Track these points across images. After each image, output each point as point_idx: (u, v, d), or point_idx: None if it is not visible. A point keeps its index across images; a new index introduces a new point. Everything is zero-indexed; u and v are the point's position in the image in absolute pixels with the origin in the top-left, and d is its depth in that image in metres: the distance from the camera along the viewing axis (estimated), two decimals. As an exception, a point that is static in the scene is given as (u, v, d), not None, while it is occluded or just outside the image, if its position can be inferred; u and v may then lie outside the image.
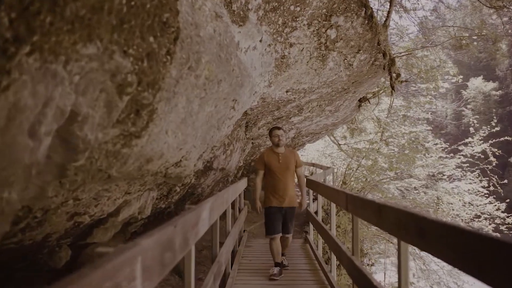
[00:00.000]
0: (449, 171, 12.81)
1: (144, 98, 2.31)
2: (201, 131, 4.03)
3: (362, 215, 3.40)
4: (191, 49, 2.81)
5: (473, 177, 12.69)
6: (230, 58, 3.79)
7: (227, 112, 4.64)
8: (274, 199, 5.56)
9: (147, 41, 2.10)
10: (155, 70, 2.28)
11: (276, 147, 5.69)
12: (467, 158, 12.50)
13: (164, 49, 2.34)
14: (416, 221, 2.05)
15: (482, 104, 48.68)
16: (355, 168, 12.75)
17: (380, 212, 2.81)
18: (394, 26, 11.34)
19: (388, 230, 2.66)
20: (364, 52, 8.16)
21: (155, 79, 2.33)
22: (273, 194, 5.58)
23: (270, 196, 5.60)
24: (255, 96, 7.01)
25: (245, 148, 10.00)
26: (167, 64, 2.45)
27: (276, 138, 5.68)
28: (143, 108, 2.38)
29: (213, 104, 3.90)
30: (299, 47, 6.98)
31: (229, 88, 3.99)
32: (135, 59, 2.05)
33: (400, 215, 2.33)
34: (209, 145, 4.79)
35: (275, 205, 5.56)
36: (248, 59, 5.72)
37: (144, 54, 2.12)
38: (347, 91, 9.35)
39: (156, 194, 5.07)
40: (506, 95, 50.02)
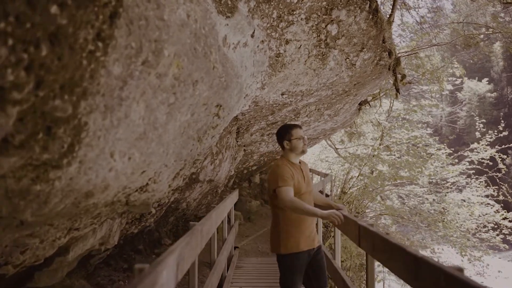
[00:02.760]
0: (453, 178, 11.98)
1: (57, 109, 1.44)
2: (174, 145, 3.16)
3: (384, 261, 2.55)
4: (146, 35, 1.93)
5: (479, 185, 11.87)
6: (210, 53, 2.92)
7: (210, 120, 3.77)
8: (303, 239, 3.50)
9: (44, 11, 1.23)
10: (70, 64, 1.40)
11: (299, 155, 3.75)
12: (474, 165, 11.68)
13: (89, 31, 1.46)
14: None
15: (477, 106, 48.20)
16: (355, 176, 11.90)
17: (417, 267, 1.97)
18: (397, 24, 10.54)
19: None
20: (368, 50, 7.31)
21: (74, 78, 1.46)
22: (300, 230, 3.52)
23: (295, 234, 3.49)
24: (246, 99, 6.14)
25: (236, 156, 9.13)
26: (99, 55, 1.58)
27: (301, 142, 3.68)
28: (59, 125, 1.50)
29: (188, 112, 3.03)
30: (296, 44, 6.14)
31: (209, 90, 3.12)
32: (20, 42, 1.19)
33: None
34: (187, 160, 3.91)
35: (304, 248, 3.50)
36: (238, 57, 4.87)
37: (42, 35, 1.24)
38: (348, 93, 8.51)
39: (124, 220, 4.20)
40: (501, 97, 49.58)
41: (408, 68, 10.63)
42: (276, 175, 3.48)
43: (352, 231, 3.35)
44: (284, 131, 3.75)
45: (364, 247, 3.04)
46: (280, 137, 3.77)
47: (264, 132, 9.18)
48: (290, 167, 3.61)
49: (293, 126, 3.78)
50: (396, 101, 12.99)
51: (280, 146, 3.83)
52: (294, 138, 3.69)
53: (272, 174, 3.54)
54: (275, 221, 3.59)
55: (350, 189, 11.89)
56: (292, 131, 3.72)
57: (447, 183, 12.20)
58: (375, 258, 2.81)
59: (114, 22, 1.61)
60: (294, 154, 3.71)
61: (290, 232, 3.49)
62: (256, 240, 9.56)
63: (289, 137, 3.70)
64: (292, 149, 3.68)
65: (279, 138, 3.79)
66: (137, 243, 6.80)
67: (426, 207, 11.55)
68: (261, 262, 7.67)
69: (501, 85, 49.73)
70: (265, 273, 6.93)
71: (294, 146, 3.67)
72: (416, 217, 11.43)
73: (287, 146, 3.69)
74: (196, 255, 2.97)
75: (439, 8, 12.15)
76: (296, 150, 3.68)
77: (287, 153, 3.72)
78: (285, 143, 3.71)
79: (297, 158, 3.77)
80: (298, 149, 3.68)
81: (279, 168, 3.56)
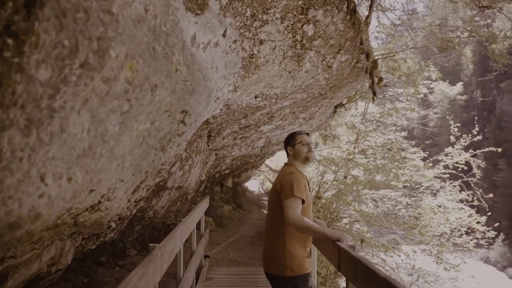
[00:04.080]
0: (427, 182, 11.85)
1: None
2: (132, 158, 2.78)
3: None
4: (85, 32, 1.56)
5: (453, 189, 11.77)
6: (172, 53, 2.55)
7: (174, 128, 3.40)
8: (307, 259, 3.18)
9: None
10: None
11: (304, 163, 3.38)
12: (449, 170, 11.58)
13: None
14: None
15: (448, 109, 49.04)
16: (330, 180, 11.64)
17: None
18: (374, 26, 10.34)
19: None
20: (346, 52, 7.05)
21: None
22: (305, 249, 3.20)
23: (301, 254, 3.13)
24: (217, 103, 5.78)
25: (208, 160, 8.74)
26: (8, 55, 1.20)
27: (305, 148, 3.36)
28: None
29: (147, 120, 2.66)
30: (271, 45, 5.82)
31: (171, 96, 2.75)
32: None
33: None
34: (150, 172, 3.53)
35: (309, 269, 3.17)
36: (208, 57, 4.50)
37: None
38: (324, 96, 8.24)
39: (80, 237, 3.78)
40: (471, 100, 50.58)
41: (384, 70, 10.45)
42: (291, 182, 3.07)
43: (331, 253, 3.03)
44: (289, 137, 3.49)
45: (344, 272, 2.73)
46: (285, 144, 3.50)
47: (237, 136, 8.82)
48: (301, 177, 3.24)
49: (299, 132, 3.49)
50: (371, 104, 12.83)
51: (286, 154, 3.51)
52: (298, 142, 3.38)
53: (287, 180, 3.12)
54: (277, 236, 3.16)
55: (325, 193, 11.63)
56: (297, 136, 3.43)
57: (421, 187, 12.06)
58: (357, 286, 2.50)
59: (34, 13, 1.23)
60: (299, 162, 3.37)
61: (295, 251, 3.10)
62: (228, 248, 9.19)
63: (293, 142, 3.41)
64: (295, 155, 3.37)
65: (284, 145, 3.51)
66: (99, 255, 6.35)
67: (401, 213, 11.39)
68: (233, 273, 7.32)
69: (471, 88, 50.73)
70: (237, 285, 6.59)
71: (297, 151, 3.36)
72: (392, 224, 11.27)
73: (291, 152, 3.40)
74: (155, 284, 2.60)
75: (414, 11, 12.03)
76: (300, 156, 3.35)
77: (292, 161, 3.40)
78: (288, 149, 3.42)
79: (304, 167, 3.42)
80: (302, 155, 3.34)
81: (293, 175, 3.17)
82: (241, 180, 15.10)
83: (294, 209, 2.93)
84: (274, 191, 3.25)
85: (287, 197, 2.99)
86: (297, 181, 3.09)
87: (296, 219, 2.89)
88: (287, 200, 2.98)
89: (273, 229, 3.19)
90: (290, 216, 2.90)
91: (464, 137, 12.16)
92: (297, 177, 3.14)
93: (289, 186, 3.04)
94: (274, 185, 3.30)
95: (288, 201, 2.97)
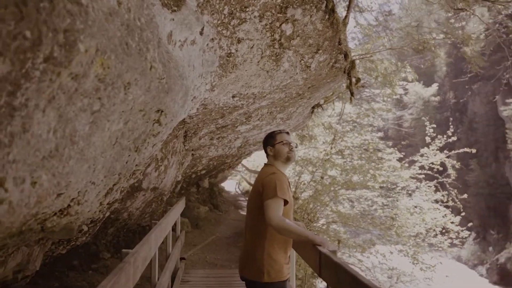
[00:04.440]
0: (403, 182, 11.90)
1: None
2: (104, 160, 2.64)
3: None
4: (49, 23, 1.42)
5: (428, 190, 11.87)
6: (146, 50, 2.42)
7: (149, 128, 3.26)
8: (286, 265, 3.03)
9: None
10: None
11: (285, 163, 3.24)
12: (425, 170, 11.67)
13: None
14: None
15: (422, 110, 49.85)
16: (307, 181, 11.59)
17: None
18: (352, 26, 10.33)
19: None
20: (324, 52, 6.99)
21: None
22: (285, 254, 3.04)
23: (280, 259, 2.98)
24: (193, 102, 5.65)
25: (184, 161, 8.58)
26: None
27: (286, 147, 3.21)
28: None
29: (120, 120, 2.52)
30: (249, 44, 5.72)
31: (146, 94, 2.62)
32: None
33: None
34: (123, 174, 3.39)
35: (287, 276, 3.03)
36: (185, 55, 4.38)
37: None
38: (302, 96, 8.18)
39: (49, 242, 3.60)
40: (444, 101, 51.50)
41: (361, 71, 10.46)
42: (274, 183, 2.93)
43: (311, 257, 2.94)
44: (269, 136, 3.34)
45: (326, 278, 2.64)
46: (264, 144, 3.34)
47: (214, 136, 8.69)
48: (284, 178, 3.11)
49: (279, 131, 3.35)
50: (348, 105, 12.85)
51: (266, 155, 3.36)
52: (278, 142, 3.24)
53: (269, 180, 2.97)
54: (257, 239, 2.99)
55: (302, 193, 11.58)
56: (277, 136, 3.29)
57: (397, 187, 12.11)
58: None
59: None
60: (280, 162, 3.23)
61: (275, 256, 2.95)
62: (204, 250, 9.05)
63: (273, 142, 3.27)
64: (276, 155, 3.22)
65: (264, 145, 3.35)
66: (71, 258, 6.13)
67: (378, 213, 11.42)
68: (209, 275, 7.19)
69: (444, 89, 51.66)
70: (213, 287, 6.47)
71: (278, 151, 3.21)
72: (369, 225, 11.29)
73: (271, 152, 3.26)
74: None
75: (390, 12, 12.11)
76: (280, 156, 3.20)
77: (272, 161, 3.25)
78: (268, 149, 3.28)
79: (285, 167, 3.27)
80: (282, 155, 3.20)
81: (276, 175, 3.03)
82: (217, 181, 14.95)
83: (276, 210, 2.81)
84: (255, 191, 3.11)
85: (269, 197, 2.86)
86: (280, 182, 2.96)
87: (278, 220, 2.76)
88: (269, 200, 2.85)
89: (253, 230, 3.05)
90: (272, 217, 2.77)
91: (439, 138, 12.28)
92: (280, 178, 3.01)
93: (271, 187, 2.91)
94: (255, 185, 3.16)
95: (270, 201, 2.84)
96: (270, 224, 2.79)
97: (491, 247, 34.34)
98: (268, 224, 2.81)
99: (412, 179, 12.04)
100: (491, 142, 38.63)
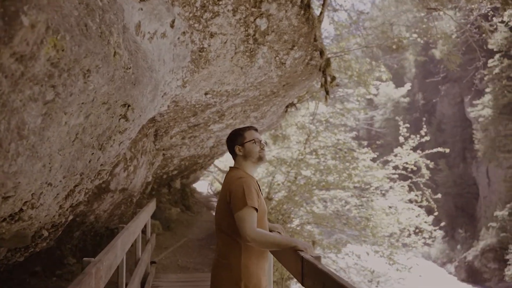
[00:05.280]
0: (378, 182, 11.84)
1: None
2: (62, 158, 2.36)
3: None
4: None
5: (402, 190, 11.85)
6: (110, 33, 2.16)
7: (115, 124, 2.99)
8: (263, 277, 2.75)
9: None
10: None
11: (256, 164, 2.93)
12: (399, 170, 11.65)
13: None
14: None
15: (392, 111, 50.49)
16: (281, 181, 11.40)
17: None
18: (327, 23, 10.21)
19: None
20: (300, 48, 6.82)
21: None
22: (261, 265, 2.75)
23: (257, 271, 2.70)
24: (164, 98, 5.37)
25: (154, 161, 8.26)
26: None
27: (257, 146, 2.89)
28: None
29: (80, 113, 2.25)
30: (222, 39, 5.49)
31: (109, 85, 2.35)
32: None
33: None
34: (86, 174, 3.10)
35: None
36: (155, 49, 4.12)
37: None
38: (277, 95, 7.98)
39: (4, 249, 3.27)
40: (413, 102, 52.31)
41: (335, 69, 10.35)
42: (241, 190, 2.61)
43: (292, 264, 2.72)
44: (235, 134, 2.96)
45: (309, 287, 2.42)
46: (231, 143, 2.96)
47: (186, 135, 8.40)
48: (253, 182, 2.75)
49: (247, 128, 2.99)
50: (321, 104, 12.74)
51: (231, 156, 2.99)
52: (248, 141, 2.88)
53: (236, 187, 2.65)
54: (231, 251, 2.69)
55: (276, 194, 11.39)
56: (245, 133, 2.92)
57: (371, 187, 12.04)
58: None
59: None
60: (250, 163, 2.89)
61: (252, 268, 2.66)
62: (176, 253, 8.74)
63: (242, 140, 2.89)
64: (246, 155, 2.87)
65: (230, 145, 2.97)
66: (32, 264, 5.76)
67: (353, 214, 11.31)
68: (181, 280, 6.91)
69: (414, 91, 52.49)
70: (185, 293, 6.21)
71: (249, 151, 2.86)
72: (344, 226, 11.19)
73: (240, 152, 2.88)
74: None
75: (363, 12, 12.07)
76: (252, 156, 2.86)
77: (241, 162, 2.89)
78: (236, 148, 2.90)
79: (254, 168, 2.95)
80: (254, 155, 2.86)
81: (243, 179, 2.69)
82: (189, 181, 14.62)
83: (250, 223, 2.52)
84: (222, 200, 2.79)
85: (239, 208, 2.56)
86: (248, 187, 2.64)
87: (255, 235, 2.49)
88: (239, 213, 2.55)
89: (226, 242, 2.75)
90: (248, 233, 2.48)
91: (413, 138, 12.30)
92: (248, 182, 2.69)
93: (239, 196, 2.60)
94: (222, 193, 2.83)
95: (241, 214, 2.54)
96: (247, 241, 2.51)
97: (459, 245, 35.01)
98: (244, 241, 2.54)
99: (387, 179, 12.00)
100: (458, 142, 39.45)
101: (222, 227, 2.80)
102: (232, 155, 2.99)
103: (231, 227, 2.67)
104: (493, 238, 29.47)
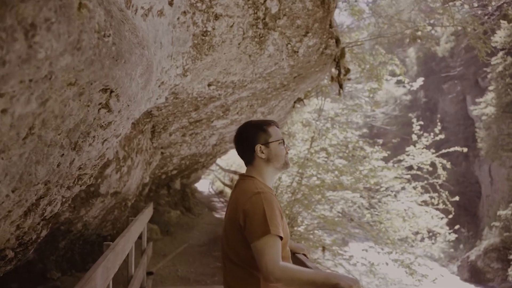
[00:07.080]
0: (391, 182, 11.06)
1: None
2: (6, 163, 1.61)
3: None
4: None
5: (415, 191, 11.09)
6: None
7: (92, 116, 2.24)
8: None
9: None
10: None
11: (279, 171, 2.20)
12: (413, 171, 10.88)
13: None
14: None
15: (393, 109, 49.88)
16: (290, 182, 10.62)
17: None
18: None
19: None
20: (314, 35, 6.07)
21: None
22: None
23: None
24: (161, 89, 4.63)
25: (152, 160, 7.51)
26: None
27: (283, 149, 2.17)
28: None
29: (31, 96, 1.50)
30: (228, 22, 4.75)
31: (75, 56, 1.59)
32: None
33: None
34: (54, 182, 2.35)
35: None
36: (150, 29, 3.37)
37: None
38: (287, 88, 7.23)
39: None
40: (415, 100, 51.67)
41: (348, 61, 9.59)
42: (262, 211, 1.87)
43: None
44: (255, 129, 2.15)
45: None
46: (248, 141, 2.15)
47: (186, 132, 7.64)
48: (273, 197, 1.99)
49: (268, 122, 2.19)
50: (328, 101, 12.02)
51: (244, 158, 2.20)
52: (275, 140, 2.13)
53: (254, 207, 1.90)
54: (249, 285, 1.97)
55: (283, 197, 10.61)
56: (270, 130, 2.14)
57: (381, 188, 11.26)
58: None
59: None
60: (273, 169, 2.15)
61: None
62: (175, 261, 7.99)
63: (266, 138, 2.12)
64: (270, 158, 2.11)
65: (246, 143, 2.16)
66: (10, 279, 5.01)
67: (366, 218, 10.53)
68: (181, 293, 6.18)
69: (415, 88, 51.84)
70: (185, 310, 5.48)
71: (275, 153, 2.11)
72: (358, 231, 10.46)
73: (262, 155, 2.11)
74: None
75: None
76: (278, 161, 2.13)
77: (261, 168, 2.13)
78: (258, 148, 2.11)
79: (275, 177, 2.23)
80: (280, 159, 2.13)
81: (262, 195, 1.94)
82: (190, 181, 13.88)
83: (274, 256, 1.80)
84: (232, 222, 2.03)
85: (259, 237, 1.83)
86: (270, 208, 1.90)
87: (280, 273, 1.77)
88: (259, 242, 1.83)
89: (236, 276, 2.02)
90: (271, 270, 1.76)
91: (426, 136, 11.56)
92: (269, 200, 1.93)
93: (259, 220, 1.86)
94: (233, 213, 2.04)
95: (262, 244, 1.82)
96: (269, 280, 1.80)
97: (462, 245, 34.40)
98: (266, 280, 1.82)
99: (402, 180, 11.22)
100: (461, 141, 38.72)
101: (231, 257, 2.04)
102: (246, 157, 2.19)
103: (247, 259, 1.94)
104: (496, 238, 28.81)
